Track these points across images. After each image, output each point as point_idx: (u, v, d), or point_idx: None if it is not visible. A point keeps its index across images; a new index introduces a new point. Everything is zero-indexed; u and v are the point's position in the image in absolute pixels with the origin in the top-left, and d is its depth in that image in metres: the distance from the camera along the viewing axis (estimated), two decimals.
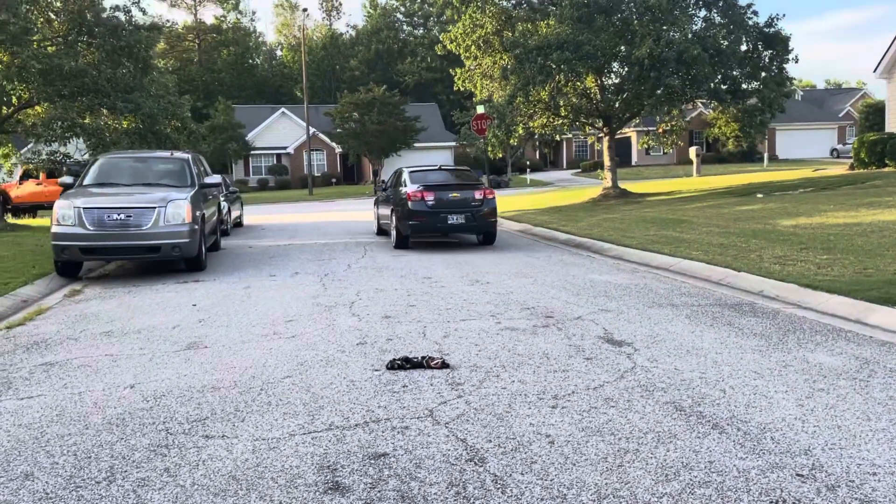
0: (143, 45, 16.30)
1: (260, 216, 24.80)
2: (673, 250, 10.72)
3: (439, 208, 13.12)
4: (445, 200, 13.20)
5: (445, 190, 13.41)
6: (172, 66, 65.55)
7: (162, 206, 10.16)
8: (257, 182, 53.33)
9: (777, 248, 10.04)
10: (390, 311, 7.34)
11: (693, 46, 17.48)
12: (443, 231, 13.76)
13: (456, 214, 13.16)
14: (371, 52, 74.90)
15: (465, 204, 13.26)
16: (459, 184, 13.95)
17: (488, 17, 20.80)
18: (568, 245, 13.43)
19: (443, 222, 13.16)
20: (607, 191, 22.25)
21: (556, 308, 7.34)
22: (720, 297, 7.80)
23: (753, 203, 16.94)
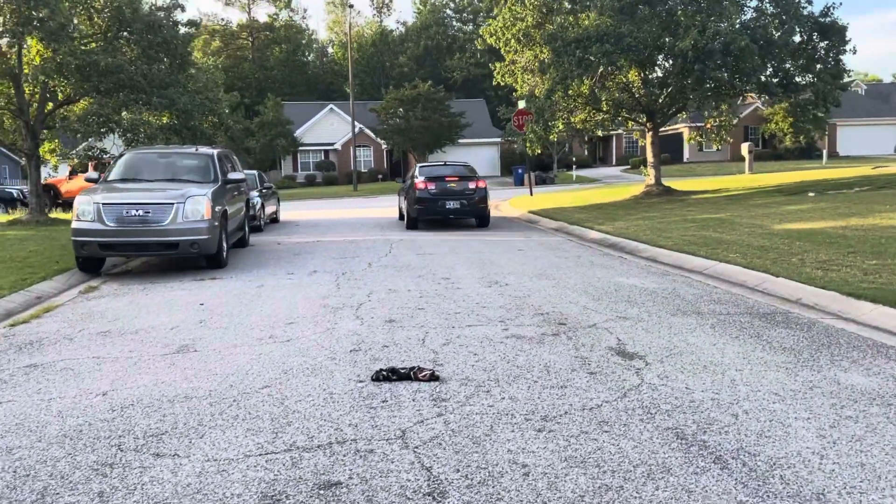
0: (179, 40, 16.30)
1: (299, 212, 24.78)
2: (709, 252, 10.11)
3: (439, 195, 16.14)
4: (445, 189, 16.20)
5: (445, 181, 16.27)
6: (223, 63, 66.53)
7: (181, 203, 10.04)
8: (305, 178, 53.72)
9: (822, 252, 9.35)
10: (396, 315, 7.00)
11: (740, 37, 16.61)
12: (443, 215, 16.47)
13: (453, 201, 16.20)
14: (420, 48, 74.74)
15: (461, 193, 16.25)
16: (458, 177, 16.53)
17: (529, 9, 20.26)
18: (601, 245, 12.89)
19: (442, 207, 16.18)
20: (650, 188, 21.47)
21: (571, 314, 6.89)
22: (753, 304, 7.23)
23: (803, 202, 16.05)
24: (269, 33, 76.83)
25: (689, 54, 16.63)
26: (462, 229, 16.57)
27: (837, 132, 58.68)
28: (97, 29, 17.24)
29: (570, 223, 16.10)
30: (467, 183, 16.32)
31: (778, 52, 18.36)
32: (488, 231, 16.04)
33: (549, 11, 20.59)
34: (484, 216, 16.60)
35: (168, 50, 16.27)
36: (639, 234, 12.87)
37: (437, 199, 16.12)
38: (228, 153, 13.22)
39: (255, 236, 15.88)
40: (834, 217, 12.78)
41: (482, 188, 16.35)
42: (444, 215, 16.51)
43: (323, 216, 22.40)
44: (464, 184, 16.31)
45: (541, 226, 17.22)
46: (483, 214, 16.53)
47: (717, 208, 16.37)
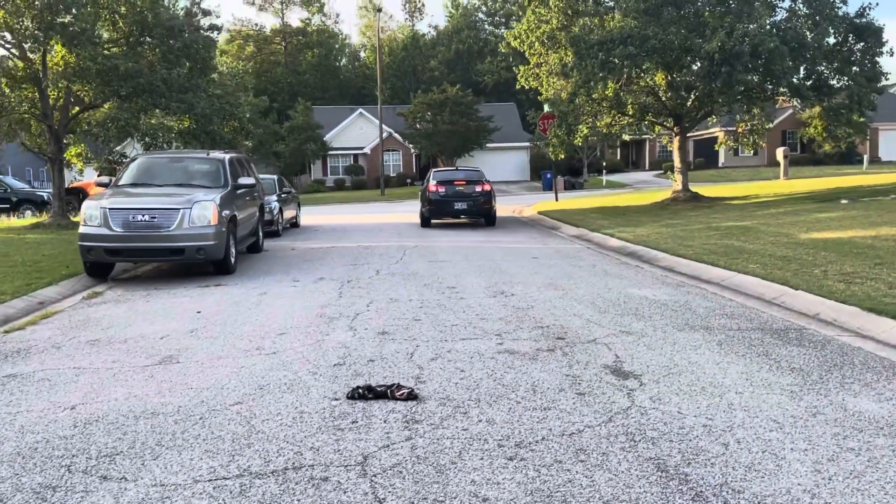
0: (200, 45, 16.34)
1: (322, 217, 24.75)
2: (729, 262, 9.71)
3: (449, 197, 18.22)
4: (453, 192, 18.29)
5: (454, 185, 18.40)
6: (256, 68, 67.17)
7: (187, 208, 9.96)
8: (334, 182, 53.90)
9: (847, 263, 8.90)
10: (391, 326, 6.78)
11: (770, 39, 16.07)
12: (452, 215, 18.67)
13: (461, 202, 18.30)
14: (451, 51, 74.66)
15: (468, 195, 18.33)
16: (466, 181, 18.64)
17: (554, 12, 19.93)
18: (619, 253, 12.53)
19: (451, 207, 18.30)
20: (677, 194, 20.94)
21: (572, 327, 6.60)
22: (767, 319, 6.85)
23: (834, 210, 15.46)
24: (302, 38, 77.46)
25: (716, 56, 16.14)
26: (478, 235, 16.33)
27: (879, 136, 57.01)
28: (121, 34, 17.38)
29: (590, 230, 15.74)
30: (474, 186, 18.45)
31: (811, 55, 17.76)
32: (505, 237, 15.77)
33: (574, 14, 20.24)
34: (489, 215, 18.62)
35: (189, 54, 16.31)
36: (659, 242, 12.48)
37: (447, 201, 18.22)
38: (242, 158, 13.15)
39: (272, 241, 15.82)
40: (864, 226, 12.25)
41: (487, 191, 18.35)
42: (454, 215, 18.74)
43: (345, 221, 22.32)
44: (471, 187, 18.45)
45: (561, 232, 16.89)
46: (488, 214, 18.58)
47: (744, 216, 15.86)
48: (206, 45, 16.82)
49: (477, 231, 17.50)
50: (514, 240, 15.21)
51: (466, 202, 18.26)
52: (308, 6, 79.33)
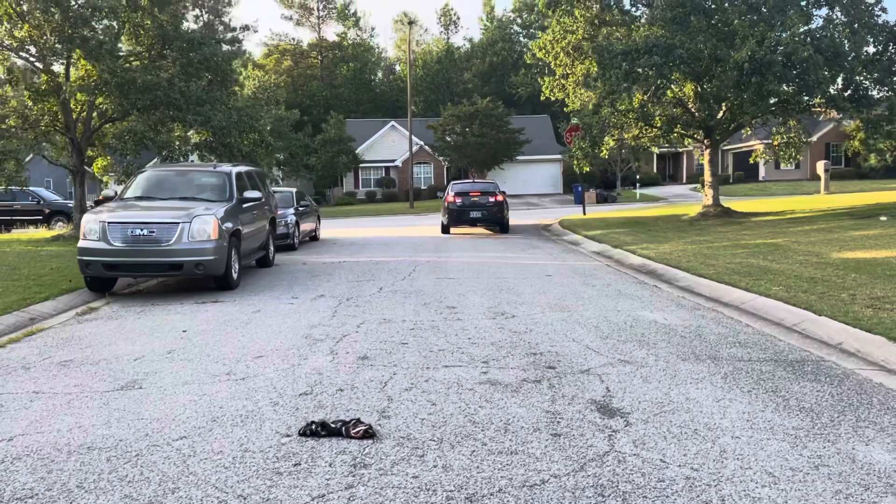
0: (220, 57, 16.27)
1: (344, 230, 24.56)
2: (751, 284, 9.12)
3: (465, 207, 20.27)
4: (469, 202, 20.32)
5: (470, 196, 20.45)
6: (292, 82, 67.77)
7: (187, 222, 9.74)
8: (365, 194, 53.93)
9: (878, 287, 8.25)
10: (374, 351, 6.39)
11: (803, 47, 15.36)
12: (468, 223, 20.60)
13: (475, 211, 20.26)
14: (485, 64, 74.48)
15: (482, 205, 20.27)
16: (481, 192, 20.66)
17: (580, 21, 19.45)
18: (639, 271, 11.97)
19: (467, 216, 20.29)
20: (707, 209, 20.18)
21: (567, 355, 6.13)
22: (783, 349, 6.30)
23: (872, 227, 14.65)
24: (338, 52, 78.04)
25: (746, 66, 15.47)
26: (495, 252, 15.90)
27: None
28: (144, 47, 17.43)
29: (612, 246, 15.19)
30: (488, 197, 20.38)
31: (849, 64, 16.96)
32: (523, 253, 15.30)
33: (601, 24, 19.75)
34: (502, 223, 20.57)
35: (208, 67, 16.24)
36: (681, 260, 11.89)
37: (463, 210, 20.25)
38: (252, 171, 12.94)
39: (286, 255, 15.61)
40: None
41: (500, 201, 20.24)
42: (470, 223, 20.68)
43: (366, 234, 22.06)
44: (485, 198, 20.37)
45: (582, 248, 16.35)
46: (501, 222, 20.52)
47: (775, 233, 15.13)
48: (226, 58, 16.72)
49: (495, 247, 17.06)
50: (532, 256, 14.74)
51: (481, 211, 20.18)
52: (344, 20, 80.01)
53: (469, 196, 20.35)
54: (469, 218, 20.29)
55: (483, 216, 20.22)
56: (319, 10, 78.91)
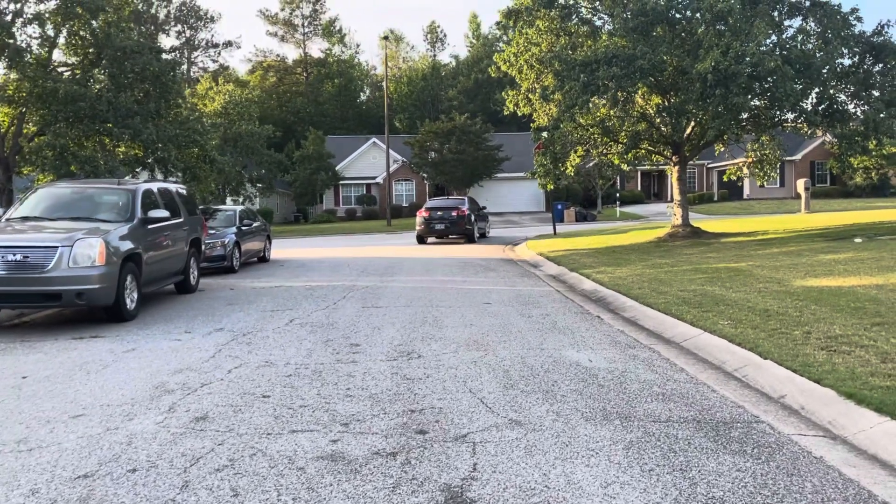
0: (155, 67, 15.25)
1: (302, 250, 23.48)
2: (698, 317, 8.07)
3: (432, 220, 23.90)
4: (436, 216, 23.93)
5: (437, 210, 24.21)
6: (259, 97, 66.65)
7: (67, 246, 8.64)
8: (345, 212, 52.94)
9: (838, 323, 7.20)
10: (221, 408, 5.30)
11: (770, 58, 14.42)
12: (435, 233, 24.32)
13: (440, 224, 23.84)
14: (471, 81, 73.79)
15: (446, 218, 23.77)
16: (445, 207, 24.38)
17: (544, 32, 18.50)
18: (588, 298, 10.93)
19: (433, 227, 23.94)
20: (676, 229, 19.15)
21: (452, 412, 5.06)
22: (712, 404, 5.24)
23: (845, 250, 13.64)
24: (323, 68, 77.27)
25: (710, 78, 14.51)
26: (447, 275, 14.85)
27: None
28: (79, 57, 16.41)
29: (570, 269, 14.15)
30: (451, 211, 23.88)
31: (822, 77, 16.04)
32: (475, 277, 14.24)
33: (567, 35, 18.82)
34: (465, 234, 24.07)
35: (144, 77, 15.21)
36: (633, 287, 10.85)
37: (431, 222, 23.83)
38: (170, 189, 11.87)
39: (222, 278, 14.56)
40: (872, 271, 10.47)
41: (462, 214, 23.63)
42: (437, 234, 24.28)
43: (324, 255, 20.98)
44: (449, 212, 23.88)
45: (541, 270, 15.32)
46: (463, 232, 24.00)
47: (741, 256, 14.10)
48: (164, 69, 15.69)
49: (448, 269, 16.01)
50: (482, 280, 13.68)
51: (445, 223, 23.73)
52: (329, 37, 79.37)
53: (436, 211, 23.98)
54: (435, 229, 23.99)
55: (446, 227, 23.80)
56: (304, 26, 78.32)
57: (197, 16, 68.60)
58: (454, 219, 23.38)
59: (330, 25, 79.60)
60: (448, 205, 24.49)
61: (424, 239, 24.66)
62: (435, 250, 22.13)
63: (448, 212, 23.62)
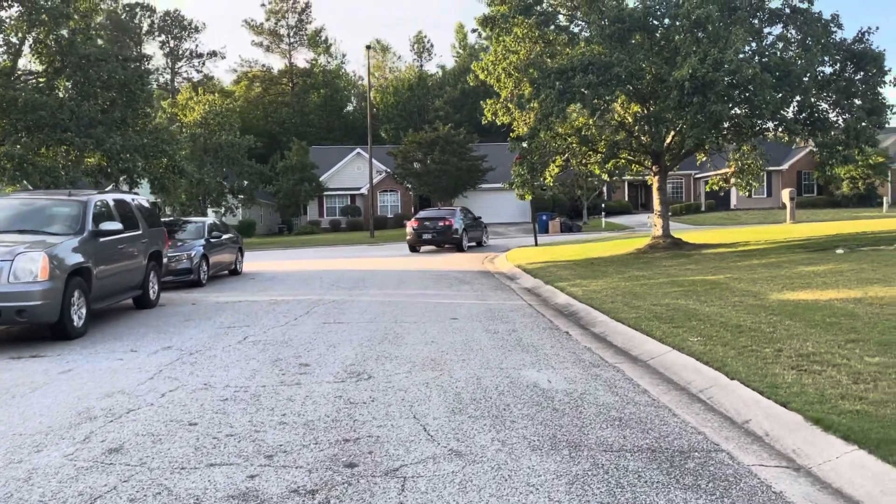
0: (120, 75, 14.83)
1: (277, 262, 23.06)
2: (668, 333, 7.72)
3: (420, 230, 25.52)
4: (423, 227, 25.50)
5: (424, 221, 25.79)
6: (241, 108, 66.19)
7: (7, 261, 8.21)
8: (329, 223, 52.49)
9: (812, 339, 6.86)
10: (140, 438, 4.89)
11: (748, 65, 14.17)
12: (423, 242, 25.73)
13: (427, 233, 25.39)
14: (458, 91, 73.63)
15: (433, 228, 25.32)
16: (433, 217, 25.88)
17: (521, 40, 18.18)
18: (560, 313, 10.57)
19: (421, 237, 25.51)
20: (656, 240, 18.83)
21: (390, 441, 4.68)
22: (671, 431, 4.87)
23: (825, 262, 13.35)
24: (308, 78, 76.99)
25: (687, 85, 14.24)
26: (421, 288, 14.49)
27: None
28: (46, 64, 15.99)
29: (546, 282, 13.79)
30: (438, 222, 25.39)
31: (802, 85, 15.80)
32: (448, 290, 13.87)
33: (544, 43, 18.55)
34: (454, 242, 25.48)
35: (109, 86, 14.79)
36: (606, 301, 10.50)
37: (419, 232, 25.49)
38: (127, 200, 11.45)
39: (187, 292, 14.14)
40: (851, 284, 10.16)
41: (447, 225, 25.13)
42: (424, 243, 25.76)
43: (298, 267, 20.57)
44: (436, 222, 25.43)
45: (517, 283, 14.96)
46: (450, 241, 25.43)
47: (720, 267, 13.79)
48: (130, 78, 15.27)
49: (423, 281, 15.65)
50: (454, 293, 13.30)
51: (432, 233, 25.29)
52: (315, 47, 79.14)
53: (425, 221, 25.69)
54: (423, 238, 25.62)
55: (433, 237, 25.39)
56: (290, 36, 78.11)
57: (181, 26, 68.26)
58: (442, 229, 24.83)
59: (316, 35, 79.43)
60: (437, 215, 25.99)
61: (416, 248, 26.08)
62: (414, 261, 21.78)
63: (436, 222, 25.09)
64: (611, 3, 15.66)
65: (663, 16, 16.12)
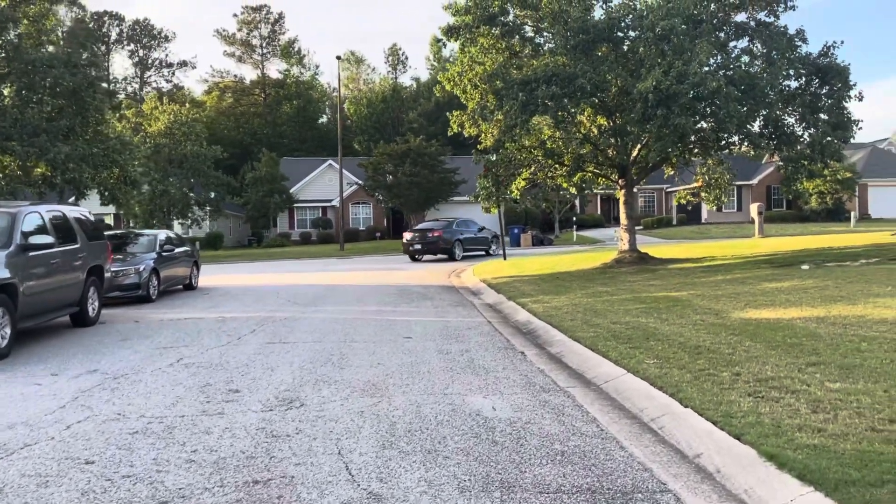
0: (68, 82, 14.23)
1: (237, 276, 22.46)
2: (625, 354, 7.34)
3: (412, 241, 28.12)
4: (414, 238, 28.11)
5: (416, 232, 28.53)
6: (219, 118, 65.42)
7: None
8: (300, 236, 51.77)
9: (771, 362, 6.51)
10: (21, 481, 4.39)
11: (712, 78, 13.97)
12: (416, 252, 28.21)
13: (417, 244, 27.89)
14: (431, 103, 73.40)
15: (422, 240, 27.79)
16: (423, 230, 28.32)
17: (487, 51, 17.87)
18: (518, 331, 10.17)
19: (413, 247, 28.08)
20: (623, 255, 18.54)
21: (308, 482, 4.22)
22: (616, 467, 4.46)
23: (789, 278, 13.10)
24: (281, 90, 76.32)
25: (651, 97, 13.99)
26: (384, 302, 14.01)
27: (869, 193, 54.99)
28: None
29: (508, 298, 13.39)
30: (427, 234, 27.85)
31: (769, 99, 15.63)
32: (409, 307, 13.39)
33: (511, 55, 18.26)
34: (445, 251, 27.71)
35: (56, 93, 14.17)
36: (566, 318, 10.11)
37: (410, 244, 28.12)
38: (64, 212, 10.84)
39: (135, 308, 13.54)
40: (815, 302, 9.88)
41: (437, 236, 27.56)
42: (417, 252, 28.16)
43: (257, 282, 19.98)
44: (425, 234, 27.89)
45: (480, 299, 14.55)
46: (442, 251, 27.76)
47: (684, 283, 13.49)
48: (80, 84, 14.66)
49: (385, 297, 15.16)
50: (413, 310, 12.84)
51: (421, 244, 27.79)
52: (287, 58, 78.52)
53: (416, 233, 28.31)
54: (414, 249, 28.07)
55: (422, 248, 27.83)
56: (262, 47, 77.44)
57: (150, 35, 67.28)
58: (429, 240, 27.30)
59: (289, 46, 78.83)
60: (428, 227, 28.44)
61: (414, 257, 28.32)
62: (379, 276, 21.29)
63: (425, 234, 27.57)
64: (575, 15, 15.41)
65: (628, 28, 15.90)
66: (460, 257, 27.93)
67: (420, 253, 27.94)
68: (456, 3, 17.58)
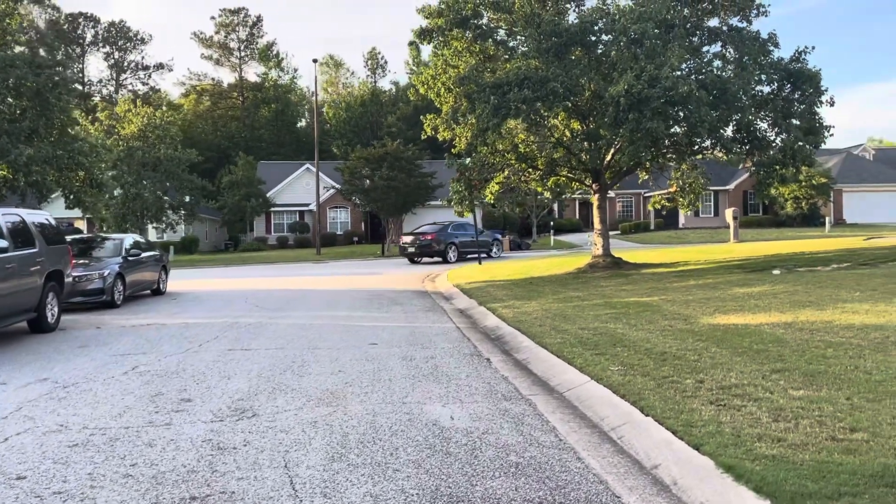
0: (30, 82, 13.90)
1: (207, 281, 22.12)
2: (590, 360, 7.22)
3: (407, 245, 29.36)
4: (409, 241, 29.30)
5: (410, 235, 29.84)
6: (196, 122, 64.78)
7: None
8: (276, 240, 51.32)
9: (736, 369, 6.42)
10: None
11: (684, 83, 13.96)
12: (411, 255, 29.34)
13: (411, 248, 28.98)
14: (410, 107, 73.29)
15: (417, 243, 28.75)
16: (419, 234, 29.40)
17: (461, 54, 17.76)
18: (487, 337, 10.02)
19: (407, 249, 29.17)
20: (596, 259, 18.48)
21: (248, 498, 4.04)
22: (570, 479, 4.32)
23: (760, 283, 13.09)
24: (259, 93, 75.79)
25: (622, 101, 13.94)
26: (354, 307, 13.82)
27: (843, 198, 55.58)
28: None
29: (480, 303, 13.26)
30: (419, 237, 28.91)
31: (741, 103, 15.65)
32: (378, 312, 13.21)
33: (487, 59, 18.16)
34: (438, 254, 28.61)
35: (19, 93, 13.84)
36: (535, 324, 9.98)
37: (405, 247, 29.34)
38: (20, 216, 10.53)
39: (98, 314, 13.23)
40: (784, 307, 9.83)
41: (429, 239, 28.60)
42: (412, 255, 29.27)
43: (228, 287, 19.68)
44: (419, 237, 28.95)
45: (451, 304, 14.40)
46: (435, 254, 28.63)
47: (655, 289, 13.43)
48: (44, 85, 14.33)
49: (356, 302, 14.98)
50: (383, 315, 12.66)
51: (415, 247, 28.83)
52: (265, 61, 78.01)
53: (410, 236, 29.58)
54: (408, 252, 29.34)
55: (415, 250, 28.91)
56: (240, 50, 76.88)
57: (126, 37, 66.49)
58: (421, 243, 28.45)
59: (267, 50, 78.32)
60: (422, 231, 29.68)
61: (412, 259, 29.40)
62: (352, 280, 21.09)
63: (419, 238, 28.79)
64: (548, 18, 15.33)
65: (601, 31, 15.86)
66: (453, 260, 28.59)
67: (417, 256, 28.75)
68: (429, 6, 17.46)
